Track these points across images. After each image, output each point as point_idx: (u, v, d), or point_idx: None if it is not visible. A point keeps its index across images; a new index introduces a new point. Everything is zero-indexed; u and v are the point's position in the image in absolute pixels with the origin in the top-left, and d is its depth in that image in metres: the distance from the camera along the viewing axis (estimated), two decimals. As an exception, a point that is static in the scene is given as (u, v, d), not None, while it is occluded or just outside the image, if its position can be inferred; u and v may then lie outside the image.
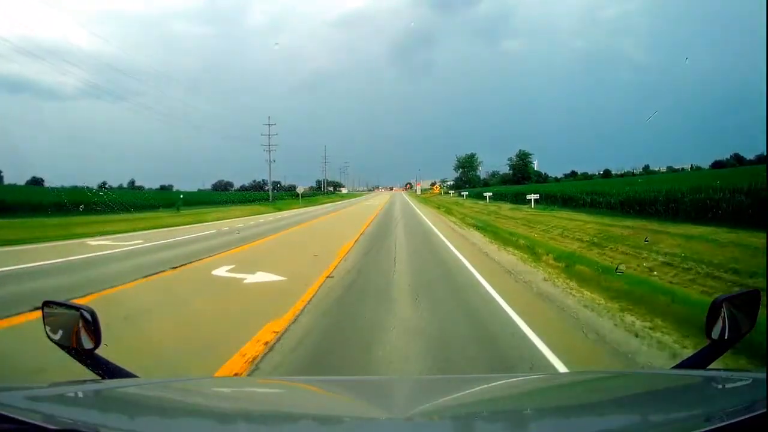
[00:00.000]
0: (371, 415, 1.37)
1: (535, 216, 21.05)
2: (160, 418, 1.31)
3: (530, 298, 6.71)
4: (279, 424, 1.32)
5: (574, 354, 4.40)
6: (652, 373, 2.48)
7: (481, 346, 4.63)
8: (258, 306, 6.24)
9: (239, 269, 8.78)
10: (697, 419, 1.04)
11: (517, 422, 1.29)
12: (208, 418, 1.33)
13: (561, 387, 1.80)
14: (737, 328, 1.43)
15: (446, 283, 7.85)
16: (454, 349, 4.51)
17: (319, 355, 4.44)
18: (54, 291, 6.86)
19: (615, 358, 4.33)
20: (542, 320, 5.44)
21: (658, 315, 5.49)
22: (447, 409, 1.42)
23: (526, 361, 4.15)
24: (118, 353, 1.79)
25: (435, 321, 5.42)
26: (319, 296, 6.67)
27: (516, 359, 4.25)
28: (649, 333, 4.99)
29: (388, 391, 1.80)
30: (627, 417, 1.27)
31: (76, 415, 1.20)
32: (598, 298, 6.53)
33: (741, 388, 1.32)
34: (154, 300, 6.54)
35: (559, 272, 8.51)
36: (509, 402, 1.56)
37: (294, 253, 12.03)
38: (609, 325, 5.32)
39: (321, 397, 1.72)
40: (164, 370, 3.88)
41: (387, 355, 4.29)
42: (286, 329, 5.06)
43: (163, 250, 11.79)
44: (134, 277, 7.91)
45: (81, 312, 1.51)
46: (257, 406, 1.54)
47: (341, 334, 5.10)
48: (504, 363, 4.20)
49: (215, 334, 4.98)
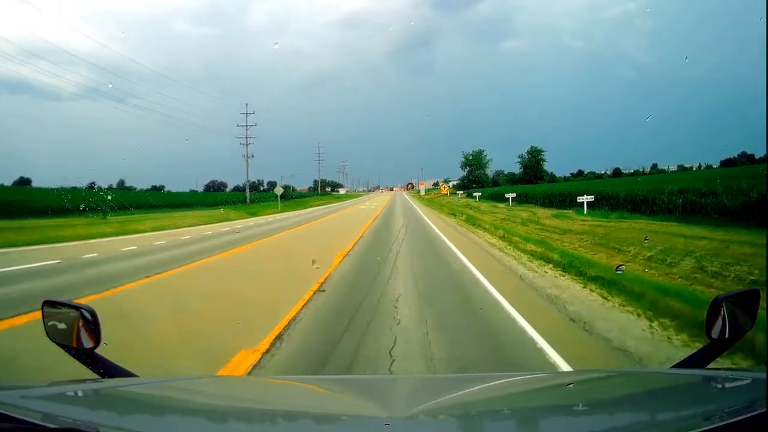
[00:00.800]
0: (373, 414, 1.37)
1: (634, 233, 12.56)
2: (159, 418, 1.31)
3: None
4: (279, 423, 1.32)
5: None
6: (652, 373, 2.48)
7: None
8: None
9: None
10: (697, 419, 1.03)
11: (517, 421, 1.29)
12: (208, 418, 1.33)
13: (561, 386, 1.80)
14: (737, 328, 1.43)
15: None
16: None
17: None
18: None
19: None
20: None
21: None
22: (448, 407, 1.42)
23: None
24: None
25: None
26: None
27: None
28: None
29: (389, 390, 1.80)
30: (627, 416, 1.27)
31: (75, 414, 1.20)
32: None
33: (741, 388, 1.32)
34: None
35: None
36: (510, 401, 1.56)
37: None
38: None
39: (321, 396, 1.72)
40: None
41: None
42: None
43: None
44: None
45: (81, 311, 1.51)
46: (257, 406, 1.54)
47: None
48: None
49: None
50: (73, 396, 1.36)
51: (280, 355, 4.25)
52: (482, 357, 4.23)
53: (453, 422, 1.32)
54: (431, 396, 1.57)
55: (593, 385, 1.77)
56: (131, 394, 1.46)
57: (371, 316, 5.50)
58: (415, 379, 2.73)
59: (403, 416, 1.26)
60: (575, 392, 1.61)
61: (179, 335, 4.93)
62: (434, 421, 1.30)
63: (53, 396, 1.34)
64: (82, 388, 1.40)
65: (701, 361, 1.52)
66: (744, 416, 0.94)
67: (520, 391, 1.74)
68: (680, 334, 4.76)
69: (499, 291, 6.69)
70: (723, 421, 0.94)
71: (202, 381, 2.06)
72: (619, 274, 6.99)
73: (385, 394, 1.69)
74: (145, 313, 5.84)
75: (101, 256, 10.86)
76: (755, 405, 0.96)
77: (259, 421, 1.33)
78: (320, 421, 1.31)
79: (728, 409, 1.03)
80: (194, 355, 4.32)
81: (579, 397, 1.55)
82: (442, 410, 1.39)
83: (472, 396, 1.59)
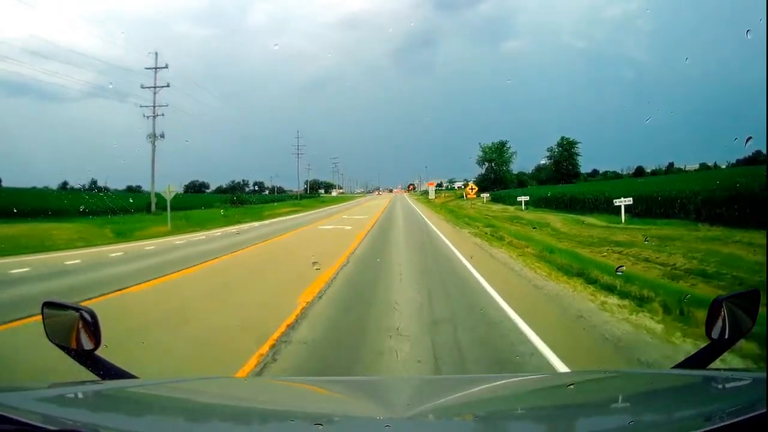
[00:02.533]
0: (373, 415, 1.37)
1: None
2: (158, 419, 1.31)
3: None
4: (279, 424, 1.31)
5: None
6: (652, 373, 2.48)
7: None
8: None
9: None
10: (697, 419, 1.03)
11: (518, 422, 1.29)
12: (208, 419, 1.33)
13: (561, 387, 1.80)
14: (737, 328, 1.43)
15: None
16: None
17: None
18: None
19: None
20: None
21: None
22: (449, 408, 1.42)
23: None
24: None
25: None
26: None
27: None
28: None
29: (389, 391, 1.80)
30: (628, 417, 1.27)
31: (75, 415, 1.20)
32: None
33: (741, 388, 1.32)
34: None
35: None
36: (511, 402, 1.56)
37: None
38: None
39: (322, 396, 1.72)
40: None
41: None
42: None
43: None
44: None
45: (81, 313, 1.50)
46: (258, 406, 1.54)
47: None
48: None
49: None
50: (73, 397, 1.36)
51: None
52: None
53: (454, 423, 1.32)
54: (432, 397, 1.57)
55: (593, 385, 1.77)
56: (131, 395, 1.46)
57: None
58: (415, 380, 2.73)
59: (403, 417, 1.26)
60: (576, 393, 1.61)
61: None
62: (434, 423, 1.30)
63: (53, 397, 1.34)
64: (82, 390, 1.40)
65: (702, 362, 1.52)
66: (744, 417, 0.93)
67: (521, 392, 1.73)
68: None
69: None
70: (723, 421, 0.94)
71: (202, 382, 2.05)
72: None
73: (385, 395, 1.68)
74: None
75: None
76: (755, 405, 0.96)
77: (259, 422, 1.33)
78: (321, 422, 1.31)
79: (729, 409, 1.02)
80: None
81: (579, 397, 1.55)
82: (443, 411, 1.38)
83: (473, 397, 1.59)
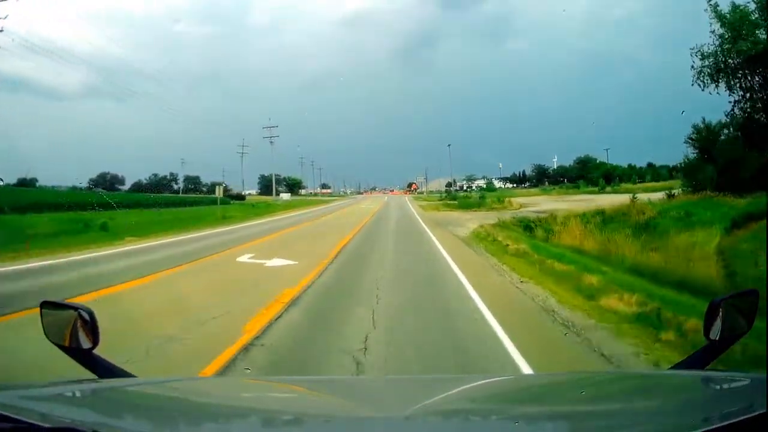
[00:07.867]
0: (369, 415, 1.37)
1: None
2: (156, 418, 1.30)
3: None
4: (276, 424, 1.31)
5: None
6: (651, 374, 2.49)
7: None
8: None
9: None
10: (695, 419, 1.03)
11: (516, 422, 1.29)
12: (205, 418, 1.32)
13: (559, 387, 1.80)
14: (735, 329, 1.43)
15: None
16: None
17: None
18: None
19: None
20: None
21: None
22: (445, 408, 1.41)
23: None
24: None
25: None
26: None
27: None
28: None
29: (385, 391, 1.80)
30: (625, 418, 1.26)
31: (72, 414, 1.20)
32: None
33: (740, 389, 1.32)
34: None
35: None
36: (508, 402, 1.56)
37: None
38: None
39: (318, 397, 1.72)
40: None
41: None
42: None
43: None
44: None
45: (79, 311, 1.50)
46: (254, 406, 1.54)
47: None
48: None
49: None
50: (71, 396, 1.35)
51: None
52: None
53: (451, 423, 1.32)
54: (427, 396, 1.56)
55: (591, 386, 1.77)
56: (129, 394, 1.46)
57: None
58: (410, 380, 2.73)
59: (400, 416, 1.26)
60: (572, 393, 1.61)
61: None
62: (431, 422, 1.29)
63: (51, 396, 1.33)
64: (80, 389, 1.39)
65: (700, 362, 1.52)
66: (743, 417, 0.94)
67: (518, 392, 1.73)
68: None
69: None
70: (722, 422, 0.94)
71: (199, 382, 2.06)
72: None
73: (381, 395, 1.68)
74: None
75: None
76: (754, 406, 0.96)
77: (255, 422, 1.32)
78: (317, 421, 1.30)
79: (727, 410, 1.03)
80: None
81: (576, 398, 1.54)
82: (439, 411, 1.38)
83: (468, 396, 1.59)
